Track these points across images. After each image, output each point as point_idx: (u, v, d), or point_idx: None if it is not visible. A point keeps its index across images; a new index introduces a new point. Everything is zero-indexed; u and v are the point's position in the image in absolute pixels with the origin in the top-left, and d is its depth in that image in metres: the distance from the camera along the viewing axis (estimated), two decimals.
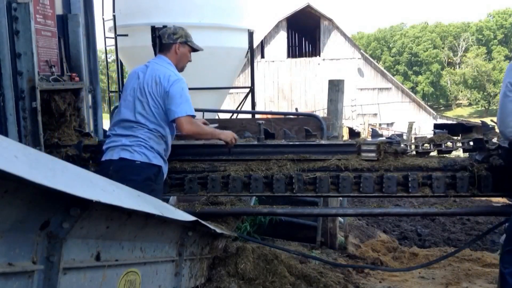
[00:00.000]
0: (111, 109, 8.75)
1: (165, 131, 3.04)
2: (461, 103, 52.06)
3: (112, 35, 8.59)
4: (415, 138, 3.43)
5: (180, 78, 3.00)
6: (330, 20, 30.17)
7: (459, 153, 4.35)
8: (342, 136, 5.57)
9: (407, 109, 31.04)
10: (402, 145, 3.27)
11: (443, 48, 51.83)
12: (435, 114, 32.87)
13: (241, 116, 7.88)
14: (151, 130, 2.97)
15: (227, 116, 9.36)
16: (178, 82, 2.96)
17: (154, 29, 7.96)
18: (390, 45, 54.20)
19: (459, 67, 51.88)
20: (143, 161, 2.90)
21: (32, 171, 0.96)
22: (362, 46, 46.17)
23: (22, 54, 3.16)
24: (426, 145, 3.28)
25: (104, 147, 3.07)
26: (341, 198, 5.09)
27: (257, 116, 7.86)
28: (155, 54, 3.38)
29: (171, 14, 8.17)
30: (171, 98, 2.92)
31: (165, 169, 3.06)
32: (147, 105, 2.97)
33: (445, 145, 3.23)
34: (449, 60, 53.09)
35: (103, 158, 3.01)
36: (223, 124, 4.48)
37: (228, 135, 3.17)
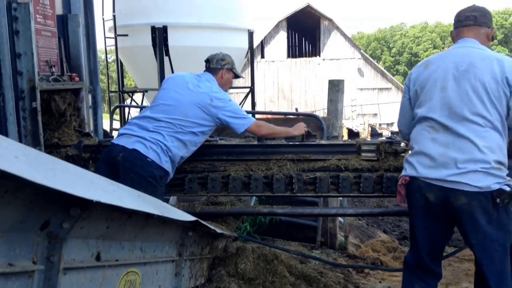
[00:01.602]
0: (111, 109, 8.76)
1: (196, 139, 3.10)
2: None
3: (112, 35, 8.60)
4: None
5: (229, 98, 3.24)
6: (330, 20, 30.14)
7: None
8: (342, 136, 5.57)
9: None
10: (402, 144, 3.27)
11: (443, 48, 51.82)
12: None
13: None
14: (183, 134, 3.02)
15: None
16: (230, 101, 3.19)
17: (154, 29, 7.97)
18: (390, 45, 54.20)
19: None
20: (155, 160, 2.92)
21: (32, 171, 0.96)
22: (362, 46, 46.16)
23: (22, 54, 3.15)
24: None
25: (120, 131, 3.11)
26: (341, 198, 5.09)
27: (257, 116, 7.85)
28: (155, 54, 3.40)
29: (171, 14, 8.17)
30: (233, 117, 3.12)
31: (170, 175, 3.08)
32: (192, 114, 3.05)
33: None
34: None
35: (115, 141, 3.04)
36: None
37: (301, 129, 3.36)
